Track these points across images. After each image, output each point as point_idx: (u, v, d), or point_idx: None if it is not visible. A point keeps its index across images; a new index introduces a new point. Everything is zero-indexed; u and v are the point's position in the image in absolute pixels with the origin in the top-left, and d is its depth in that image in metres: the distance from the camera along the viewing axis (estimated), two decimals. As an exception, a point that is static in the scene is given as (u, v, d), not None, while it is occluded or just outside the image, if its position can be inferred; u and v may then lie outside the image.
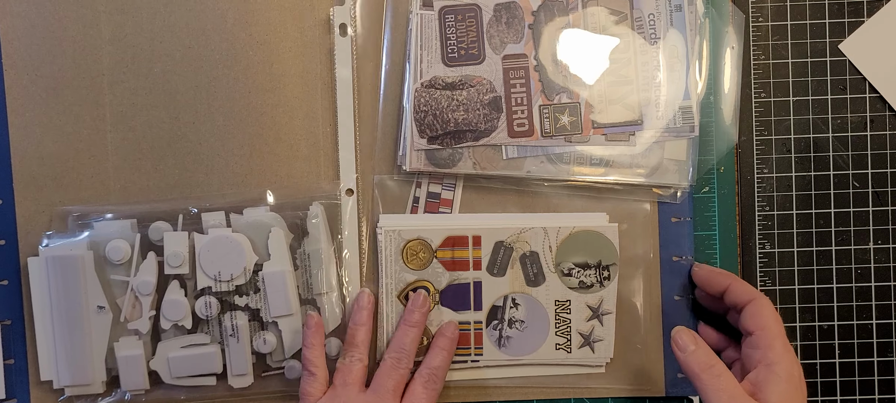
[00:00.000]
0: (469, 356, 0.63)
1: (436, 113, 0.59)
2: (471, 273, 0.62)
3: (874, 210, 0.65)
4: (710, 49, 0.63)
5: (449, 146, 0.61)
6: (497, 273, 0.62)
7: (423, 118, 0.59)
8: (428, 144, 0.61)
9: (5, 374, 0.63)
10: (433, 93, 0.59)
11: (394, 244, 0.62)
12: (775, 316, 0.57)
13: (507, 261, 0.62)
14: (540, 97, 0.61)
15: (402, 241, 0.62)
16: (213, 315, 0.61)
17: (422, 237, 0.62)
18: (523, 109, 0.61)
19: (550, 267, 0.62)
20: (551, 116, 0.61)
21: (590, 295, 0.62)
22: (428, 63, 0.60)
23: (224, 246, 0.60)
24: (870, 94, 0.65)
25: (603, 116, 0.61)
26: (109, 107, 0.63)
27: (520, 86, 0.61)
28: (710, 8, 0.63)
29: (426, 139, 0.61)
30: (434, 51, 0.60)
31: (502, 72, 0.60)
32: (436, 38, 0.59)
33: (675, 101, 0.61)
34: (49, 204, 0.63)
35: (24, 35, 0.63)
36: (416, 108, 0.60)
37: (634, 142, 0.61)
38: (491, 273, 0.62)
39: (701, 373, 0.55)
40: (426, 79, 0.60)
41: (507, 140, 0.61)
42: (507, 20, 0.59)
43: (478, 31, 0.59)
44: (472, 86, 0.59)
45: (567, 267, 0.62)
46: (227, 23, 0.63)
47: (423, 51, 0.60)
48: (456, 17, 0.59)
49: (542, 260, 0.62)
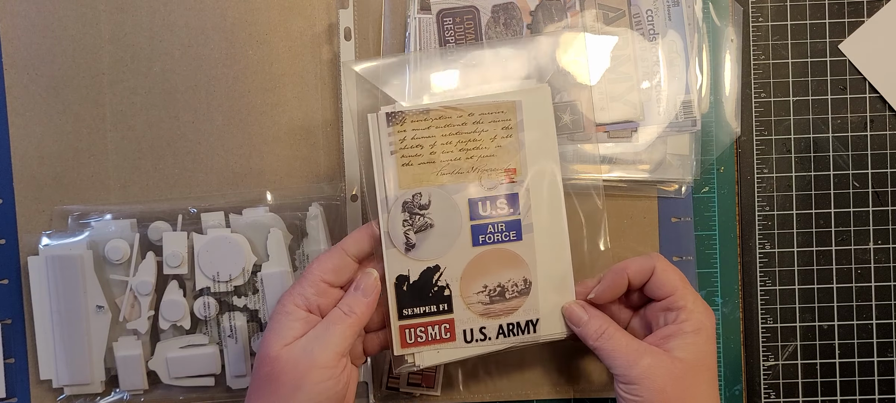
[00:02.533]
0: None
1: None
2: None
3: (874, 210, 0.65)
4: (710, 43, 0.63)
5: None
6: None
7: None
8: None
9: (6, 373, 0.63)
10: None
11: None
12: (679, 275, 0.56)
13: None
14: None
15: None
16: (212, 315, 0.61)
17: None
18: None
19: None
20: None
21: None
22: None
23: (223, 246, 0.60)
24: (870, 94, 0.65)
25: (604, 114, 0.61)
26: (109, 107, 0.63)
27: None
28: (708, 2, 0.63)
29: None
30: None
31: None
32: (434, 42, 0.59)
33: (677, 97, 0.61)
34: (49, 204, 0.63)
35: (24, 34, 0.63)
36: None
37: (637, 139, 0.60)
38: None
39: (595, 341, 0.55)
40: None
41: None
42: (505, 21, 0.59)
43: (476, 33, 0.59)
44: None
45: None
46: (226, 22, 0.63)
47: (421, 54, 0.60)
48: (454, 20, 0.59)
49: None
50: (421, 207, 0.56)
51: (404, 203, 0.56)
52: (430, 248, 0.56)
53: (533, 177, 0.56)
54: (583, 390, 0.65)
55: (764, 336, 0.65)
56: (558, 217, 0.57)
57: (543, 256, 0.57)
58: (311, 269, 0.55)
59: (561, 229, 0.57)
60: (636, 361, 0.53)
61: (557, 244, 0.57)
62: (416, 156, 0.56)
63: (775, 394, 0.65)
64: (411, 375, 0.64)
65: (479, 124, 0.56)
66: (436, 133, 0.56)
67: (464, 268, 0.57)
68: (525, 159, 0.56)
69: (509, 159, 0.56)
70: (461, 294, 0.57)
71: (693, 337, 0.54)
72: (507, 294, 0.57)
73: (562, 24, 0.60)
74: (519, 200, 0.56)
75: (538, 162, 0.56)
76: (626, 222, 0.64)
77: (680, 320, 0.55)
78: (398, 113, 0.55)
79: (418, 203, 0.56)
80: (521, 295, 0.57)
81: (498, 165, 0.56)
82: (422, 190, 0.56)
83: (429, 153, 0.56)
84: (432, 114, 0.56)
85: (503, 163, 0.56)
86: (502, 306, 0.57)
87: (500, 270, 0.57)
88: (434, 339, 0.57)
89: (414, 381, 0.64)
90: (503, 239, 0.57)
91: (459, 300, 0.57)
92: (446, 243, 0.56)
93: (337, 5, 0.63)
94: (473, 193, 0.56)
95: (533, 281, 0.57)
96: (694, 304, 0.55)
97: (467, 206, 0.56)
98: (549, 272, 0.57)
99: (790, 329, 0.65)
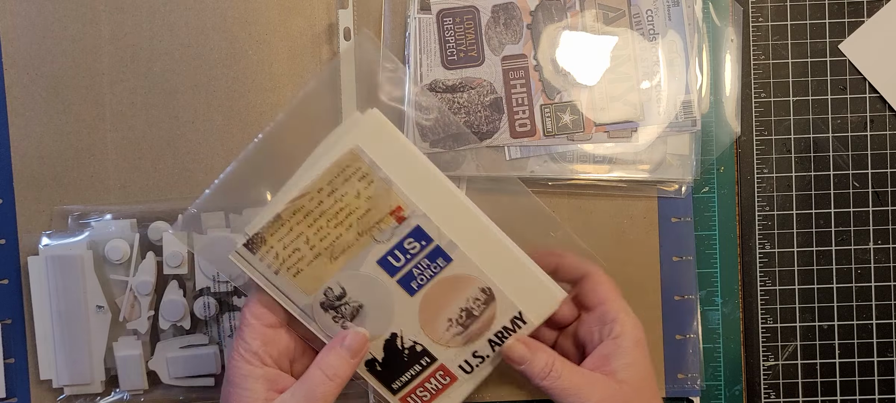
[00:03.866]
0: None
1: (437, 119, 0.59)
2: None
3: (874, 210, 0.65)
4: (710, 43, 0.63)
5: (451, 149, 0.61)
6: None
7: (425, 124, 0.59)
8: (430, 148, 0.61)
9: (6, 373, 0.63)
10: (433, 98, 0.58)
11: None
12: (612, 285, 0.55)
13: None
14: (541, 96, 0.61)
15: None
16: (212, 315, 0.62)
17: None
18: (525, 109, 0.61)
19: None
20: (553, 115, 0.61)
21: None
22: (428, 66, 0.60)
23: (223, 246, 0.60)
24: (870, 94, 0.65)
25: (604, 114, 0.61)
26: (109, 107, 0.63)
27: (520, 87, 0.61)
28: (708, 2, 0.63)
29: (429, 143, 0.61)
30: (433, 54, 0.60)
31: (502, 73, 0.60)
32: (434, 42, 0.59)
33: (677, 97, 0.61)
34: (49, 204, 0.63)
35: (24, 34, 0.63)
36: (420, 110, 0.59)
37: (637, 139, 0.60)
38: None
39: (542, 381, 0.52)
40: (426, 83, 0.60)
41: (509, 141, 0.61)
42: (505, 21, 0.59)
43: (476, 33, 0.59)
44: (473, 88, 0.59)
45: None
46: (226, 22, 0.63)
47: (422, 54, 0.60)
48: (454, 20, 0.59)
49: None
50: (338, 298, 0.53)
51: (321, 304, 0.53)
52: (374, 325, 0.54)
53: (421, 199, 0.52)
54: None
55: (764, 336, 0.65)
56: (473, 215, 0.53)
57: (486, 258, 0.54)
58: (245, 319, 0.52)
59: (483, 225, 0.53)
60: (588, 397, 0.51)
61: (490, 238, 0.54)
62: (301, 260, 0.52)
63: (775, 394, 0.65)
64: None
65: (335, 191, 0.52)
66: (302, 228, 0.52)
67: (418, 319, 0.54)
68: (402, 190, 0.52)
69: (387, 202, 0.52)
70: (433, 340, 0.55)
71: (633, 354, 0.53)
72: (476, 311, 0.54)
73: (562, 25, 0.60)
74: (424, 229, 0.53)
75: (416, 183, 0.52)
76: (626, 222, 0.64)
77: (615, 333, 0.53)
78: (254, 237, 0.52)
79: (333, 297, 0.53)
80: (489, 304, 0.54)
81: (381, 214, 0.52)
82: (327, 284, 0.53)
83: (310, 249, 0.52)
84: (284, 215, 0.52)
85: (384, 209, 0.52)
86: (479, 324, 0.54)
87: (453, 297, 0.54)
88: (438, 390, 0.55)
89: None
90: (436, 271, 0.53)
91: (435, 345, 0.55)
92: (385, 312, 0.54)
93: (337, 5, 0.63)
94: (377, 253, 0.53)
95: (491, 285, 0.54)
96: (627, 315, 0.54)
97: (381, 268, 0.53)
98: (502, 266, 0.54)
99: (790, 329, 0.65)
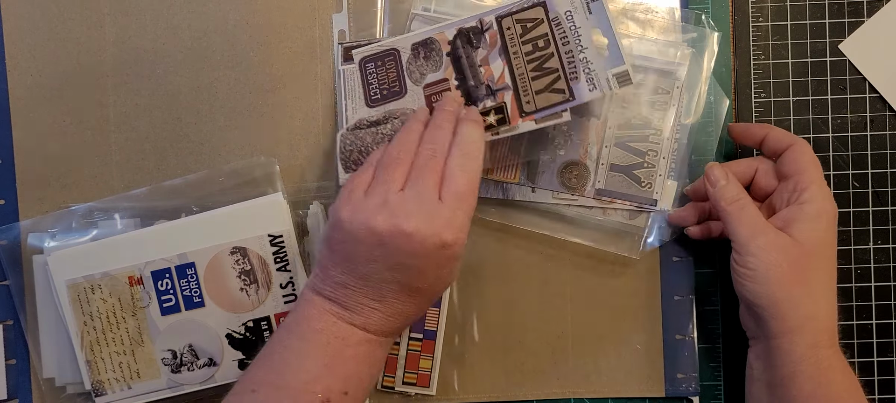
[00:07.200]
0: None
1: (361, 150, 0.59)
2: None
3: (874, 210, 0.64)
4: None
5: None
6: None
7: (349, 156, 0.59)
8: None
9: (7, 374, 0.64)
10: (358, 134, 0.59)
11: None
12: (814, 160, 0.57)
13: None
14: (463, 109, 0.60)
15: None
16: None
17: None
18: None
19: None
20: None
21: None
22: (353, 110, 0.60)
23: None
24: (870, 94, 0.64)
25: (532, 106, 0.59)
26: (112, 108, 0.64)
27: None
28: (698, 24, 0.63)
29: (351, 174, 0.60)
30: (358, 97, 0.60)
31: (425, 98, 0.59)
32: (358, 87, 0.60)
33: (608, 69, 0.58)
34: (52, 205, 0.64)
35: (28, 36, 0.64)
36: (343, 151, 0.59)
37: (568, 116, 0.59)
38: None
39: (727, 206, 0.57)
40: (350, 124, 0.60)
41: None
42: (425, 55, 0.59)
43: (397, 71, 0.60)
44: (396, 118, 0.59)
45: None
46: (228, 24, 0.64)
47: (347, 100, 0.61)
48: (376, 64, 0.60)
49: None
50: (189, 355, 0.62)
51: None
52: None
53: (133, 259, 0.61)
54: (581, 391, 0.65)
55: (764, 336, 0.65)
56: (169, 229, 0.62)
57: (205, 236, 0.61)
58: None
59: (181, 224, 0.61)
60: (756, 235, 0.54)
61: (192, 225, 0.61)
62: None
63: (776, 395, 0.65)
64: (406, 375, 0.64)
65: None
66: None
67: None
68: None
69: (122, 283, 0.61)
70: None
71: (814, 223, 0.55)
72: (247, 267, 0.61)
73: (483, 50, 0.59)
74: (157, 270, 0.61)
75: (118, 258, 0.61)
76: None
77: (802, 200, 0.55)
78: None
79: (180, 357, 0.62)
80: (245, 255, 0.61)
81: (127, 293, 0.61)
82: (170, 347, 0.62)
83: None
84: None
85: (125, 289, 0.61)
86: (262, 274, 0.61)
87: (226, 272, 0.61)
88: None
89: (409, 380, 0.64)
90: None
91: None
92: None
93: (333, 9, 0.64)
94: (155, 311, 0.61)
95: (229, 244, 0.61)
96: (819, 189, 0.56)
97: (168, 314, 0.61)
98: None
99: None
